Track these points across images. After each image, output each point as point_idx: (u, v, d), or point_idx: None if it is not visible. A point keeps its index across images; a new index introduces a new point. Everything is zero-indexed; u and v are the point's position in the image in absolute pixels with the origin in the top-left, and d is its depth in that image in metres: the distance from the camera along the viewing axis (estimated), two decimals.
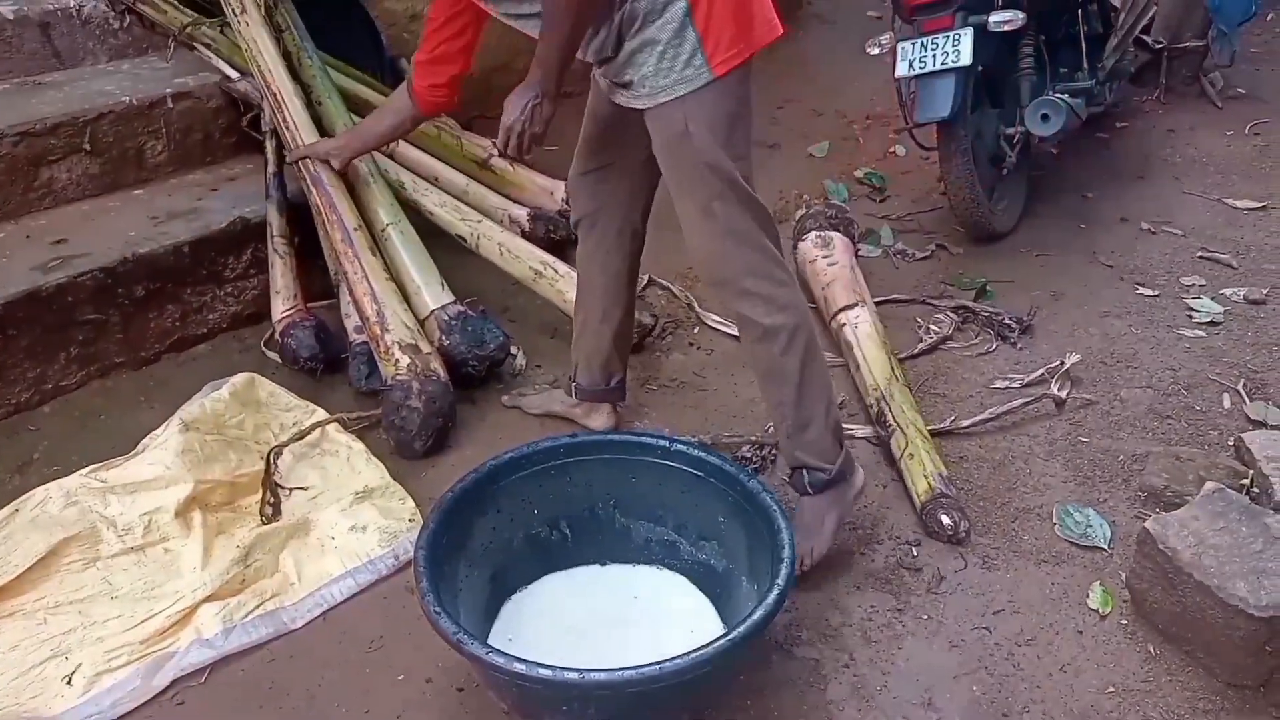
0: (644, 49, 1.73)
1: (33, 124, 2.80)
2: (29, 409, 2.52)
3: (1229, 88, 4.64)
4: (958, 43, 2.92)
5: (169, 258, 2.70)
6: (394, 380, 2.20)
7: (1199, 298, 3.03)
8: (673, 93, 1.74)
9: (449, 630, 1.52)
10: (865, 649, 1.88)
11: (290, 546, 2.09)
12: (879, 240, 3.45)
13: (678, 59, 1.72)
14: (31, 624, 1.87)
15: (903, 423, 2.33)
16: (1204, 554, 1.78)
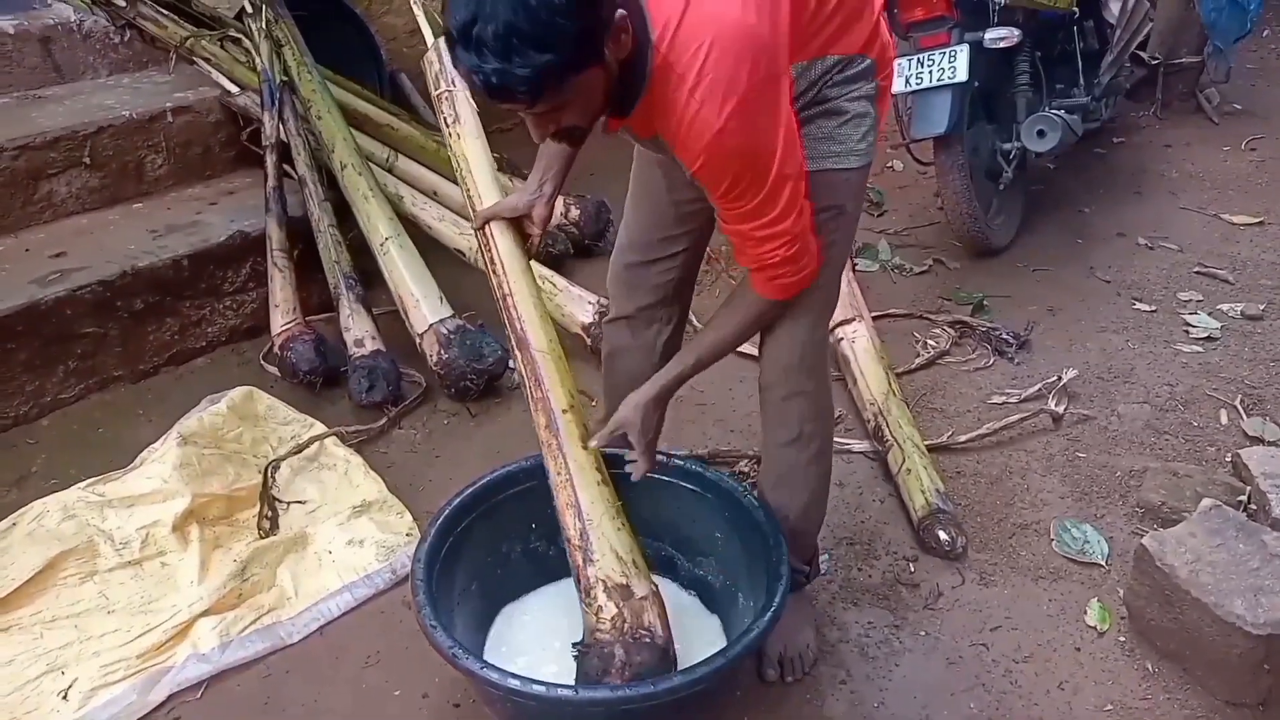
0: (823, 116, 1.54)
1: (32, 138, 2.81)
2: (27, 422, 2.52)
3: (1225, 103, 4.67)
4: (954, 59, 2.93)
5: (168, 271, 2.71)
6: (592, 638, 1.62)
7: (1196, 313, 3.04)
8: (841, 161, 1.56)
9: (444, 644, 1.52)
10: (862, 665, 1.87)
11: (287, 561, 2.09)
12: (876, 255, 3.46)
13: (857, 129, 1.55)
14: (28, 638, 1.87)
15: (900, 438, 2.33)
16: (1201, 571, 1.78)
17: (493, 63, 1.17)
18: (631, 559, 1.66)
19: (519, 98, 1.21)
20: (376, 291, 2.85)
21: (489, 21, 1.15)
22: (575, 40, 1.19)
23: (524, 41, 1.16)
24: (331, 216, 2.90)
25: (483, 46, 1.16)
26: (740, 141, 1.33)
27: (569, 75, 1.21)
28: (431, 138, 3.42)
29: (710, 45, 1.27)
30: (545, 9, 1.15)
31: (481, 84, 1.20)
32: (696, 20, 1.27)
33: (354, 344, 2.66)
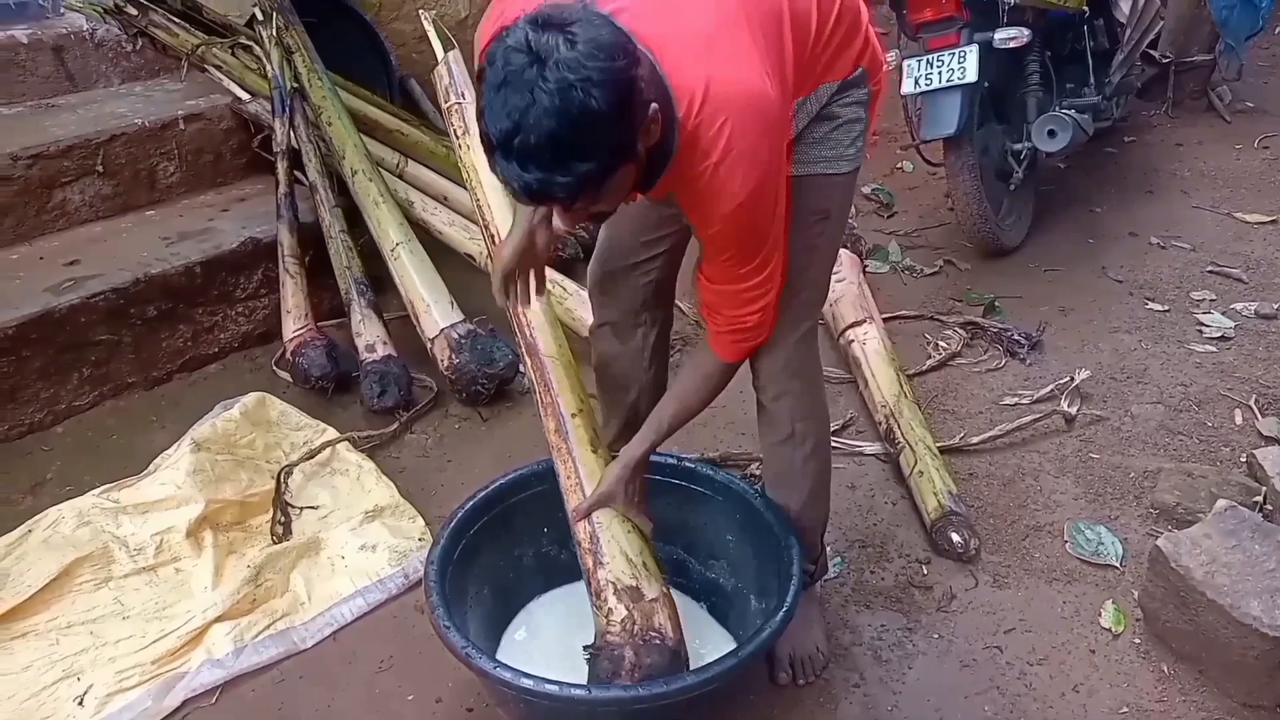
0: (815, 122, 1.56)
1: (46, 146, 2.83)
2: (42, 429, 2.54)
3: (1237, 101, 4.64)
4: (963, 60, 2.92)
5: (181, 278, 2.72)
6: (602, 641, 1.63)
7: (1209, 313, 3.02)
8: (832, 166, 1.58)
9: (458, 644, 1.52)
10: (875, 668, 1.87)
11: (300, 566, 2.09)
12: (887, 256, 3.45)
13: (848, 134, 1.57)
14: (44, 644, 1.88)
15: (912, 440, 2.32)
16: (1217, 573, 1.77)
17: (535, 173, 1.16)
18: (641, 561, 1.67)
19: (558, 201, 1.22)
20: (388, 297, 2.86)
21: (531, 132, 1.12)
22: (616, 146, 1.19)
23: (567, 152, 1.14)
24: (342, 222, 2.91)
25: (525, 157, 1.15)
26: (756, 213, 1.36)
27: (608, 177, 1.21)
28: (441, 143, 3.43)
29: (734, 120, 1.28)
30: (588, 118, 1.13)
31: (521, 189, 1.19)
32: (720, 94, 1.27)
33: (365, 349, 2.67)
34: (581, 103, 1.12)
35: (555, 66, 1.11)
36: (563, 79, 1.11)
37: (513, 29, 1.16)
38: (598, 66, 1.12)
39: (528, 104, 1.12)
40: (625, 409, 1.94)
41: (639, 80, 1.18)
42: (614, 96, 1.14)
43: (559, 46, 1.12)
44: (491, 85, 1.15)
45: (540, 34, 1.13)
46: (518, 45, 1.14)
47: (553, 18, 1.15)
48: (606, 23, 1.18)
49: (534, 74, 1.12)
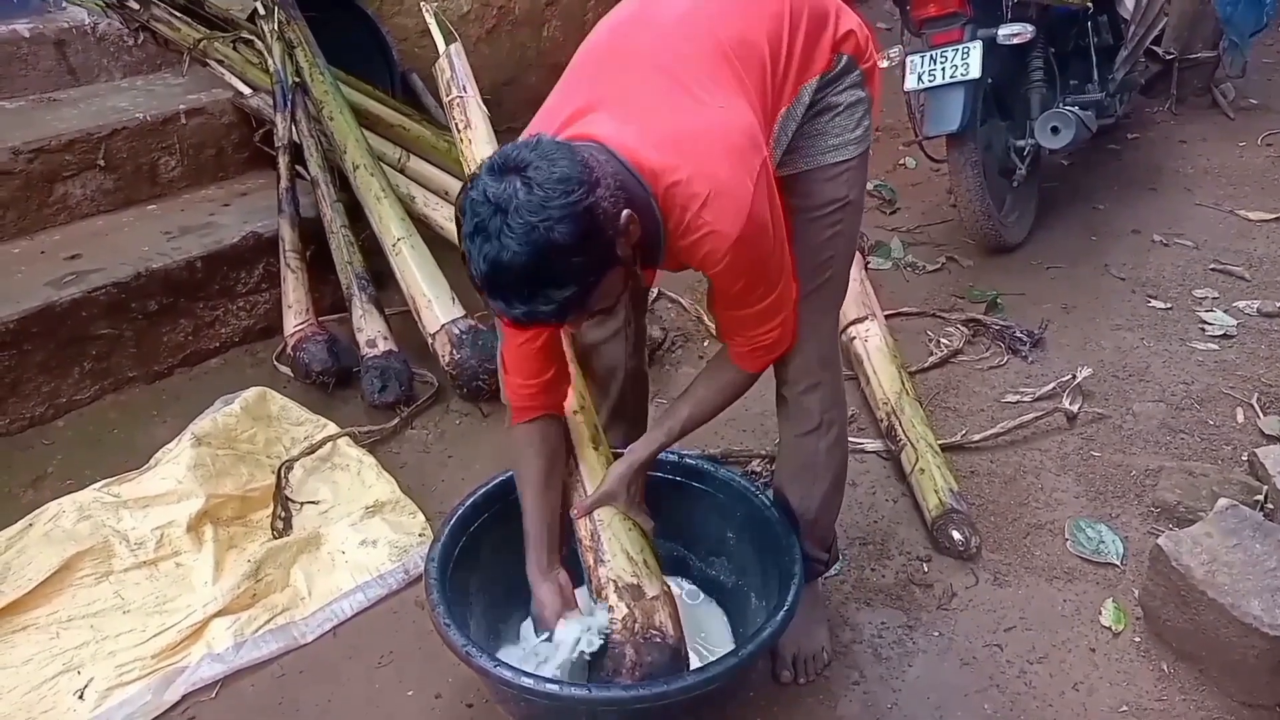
0: (814, 116, 1.57)
1: (48, 140, 2.83)
2: (43, 423, 2.54)
3: (1241, 98, 4.62)
4: (967, 56, 2.91)
5: (182, 272, 2.72)
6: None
7: (1212, 310, 3.02)
8: (839, 154, 1.59)
9: (458, 643, 1.52)
10: (875, 666, 1.87)
11: (301, 561, 2.10)
12: (889, 253, 3.45)
13: (850, 118, 1.59)
14: (44, 638, 1.88)
15: (913, 437, 2.32)
16: (1217, 572, 1.77)
17: (519, 307, 1.24)
18: (643, 559, 1.66)
19: (549, 324, 1.32)
20: (389, 292, 2.85)
21: (506, 272, 1.20)
22: (589, 268, 1.25)
23: (544, 284, 1.22)
24: (344, 217, 2.91)
25: (508, 295, 1.23)
26: (755, 241, 1.38)
27: (591, 293, 1.27)
28: (443, 138, 3.42)
29: (706, 164, 1.33)
30: (555, 253, 1.19)
31: (512, 321, 1.28)
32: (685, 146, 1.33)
33: (366, 344, 2.67)
34: (546, 241, 1.19)
35: (516, 213, 1.19)
36: (525, 223, 1.18)
37: (476, 180, 1.23)
38: (557, 204, 1.19)
39: (498, 250, 1.20)
40: (613, 397, 1.96)
41: (600, 203, 1.23)
42: (576, 227, 1.20)
43: (517, 193, 1.19)
44: (466, 234, 1.23)
45: (499, 183, 1.21)
46: (480, 198, 1.21)
47: (509, 161, 1.22)
48: (562, 154, 1.23)
49: (499, 223, 1.19)
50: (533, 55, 4.51)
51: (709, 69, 1.40)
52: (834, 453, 1.79)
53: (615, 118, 1.35)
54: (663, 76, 1.39)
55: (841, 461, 1.83)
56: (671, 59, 1.40)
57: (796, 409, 1.75)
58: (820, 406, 1.74)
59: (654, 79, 1.39)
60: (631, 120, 1.35)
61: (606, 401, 1.96)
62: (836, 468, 1.81)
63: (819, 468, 1.79)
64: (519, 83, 4.50)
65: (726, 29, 1.43)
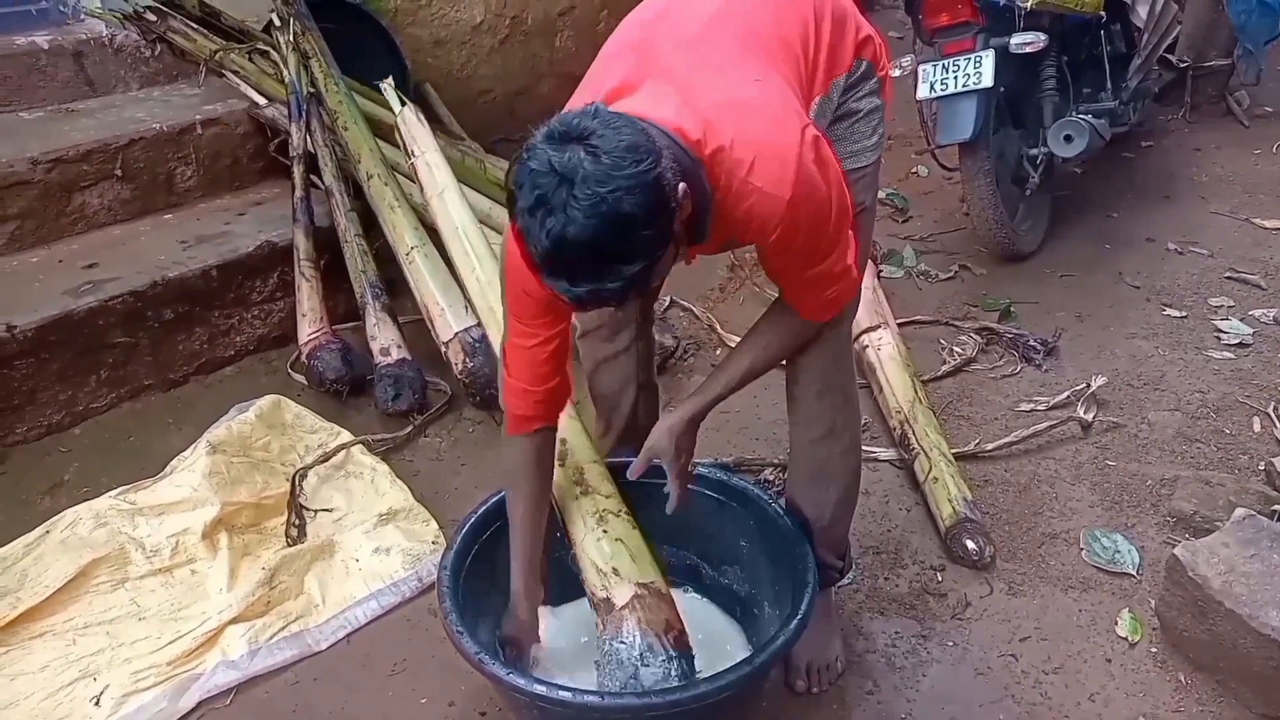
0: (836, 122, 1.58)
1: (66, 151, 2.86)
2: (60, 431, 2.56)
3: (1255, 106, 4.60)
4: (979, 65, 2.91)
5: (197, 281, 2.74)
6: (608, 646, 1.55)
7: (1227, 319, 3.00)
8: (858, 160, 1.60)
9: (471, 650, 1.52)
10: (890, 676, 1.86)
11: (315, 568, 2.10)
12: (901, 261, 3.44)
13: (868, 124, 1.60)
14: (60, 644, 1.89)
15: (926, 446, 2.31)
16: (1235, 582, 1.75)
17: (584, 285, 1.17)
18: (611, 567, 1.61)
19: (610, 304, 1.23)
20: (402, 300, 2.87)
21: (573, 250, 1.14)
22: (657, 240, 1.19)
23: (612, 260, 1.16)
24: (358, 226, 2.93)
25: (572, 273, 1.17)
26: (809, 203, 1.34)
27: (654, 268, 1.22)
28: (456, 147, 3.44)
29: (748, 129, 1.30)
30: (625, 226, 1.13)
31: (573, 300, 1.21)
32: (725, 114, 1.30)
33: (380, 352, 2.68)
34: (616, 213, 1.12)
35: (584, 183, 1.12)
36: (593, 194, 1.12)
37: (534, 150, 1.16)
38: (625, 174, 1.13)
39: (564, 224, 1.12)
40: (625, 415, 1.94)
41: (665, 173, 1.18)
42: (646, 198, 1.14)
43: (583, 162, 1.13)
44: (525, 209, 1.15)
45: (562, 152, 1.14)
46: (542, 168, 1.14)
47: (571, 130, 1.16)
48: (624, 122, 1.18)
49: (564, 195, 1.12)
50: (545, 65, 4.53)
51: (741, 52, 1.39)
52: (847, 459, 1.78)
53: (652, 95, 1.31)
54: (696, 58, 1.37)
55: (855, 468, 1.81)
56: (704, 45, 1.39)
57: (809, 413, 1.74)
58: (833, 410, 1.72)
59: (688, 61, 1.37)
60: (667, 97, 1.31)
61: (618, 419, 1.95)
62: (850, 474, 1.80)
63: (832, 474, 1.78)
64: (531, 92, 4.52)
65: (759, 23, 1.44)
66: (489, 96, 4.38)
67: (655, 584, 1.61)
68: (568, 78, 4.99)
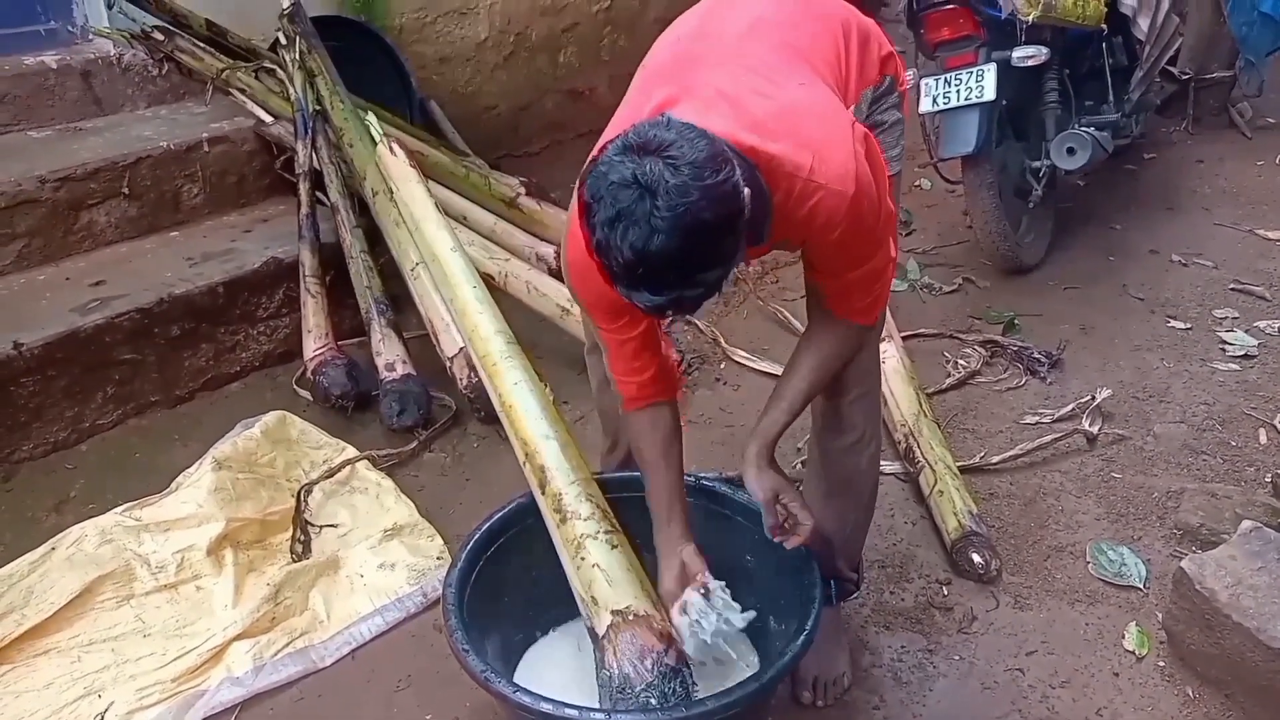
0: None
1: (73, 169, 2.88)
2: (66, 447, 2.57)
3: (1258, 118, 4.61)
4: (981, 78, 2.93)
5: (204, 298, 2.75)
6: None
7: (1232, 330, 3.00)
8: (890, 167, 1.60)
9: (476, 668, 1.52)
10: (896, 690, 1.85)
11: (320, 584, 2.10)
12: (905, 274, 3.45)
13: (891, 136, 1.65)
14: (65, 661, 1.89)
15: (931, 459, 2.31)
16: (1242, 595, 1.75)
17: (666, 294, 1.18)
18: (590, 596, 1.59)
19: (687, 311, 1.24)
20: (407, 316, 2.88)
21: (656, 261, 1.14)
22: (736, 247, 1.21)
23: (693, 269, 1.17)
24: (363, 242, 2.94)
25: (655, 284, 1.17)
26: (868, 197, 1.37)
27: (730, 273, 1.22)
28: (461, 163, 3.46)
29: (802, 130, 1.33)
30: (707, 237, 1.15)
31: (652, 309, 1.21)
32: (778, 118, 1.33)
33: (385, 368, 2.69)
34: (698, 223, 1.14)
35: (666, 194, 1.13)
36: (675, 206, 1.12)
37: (611, 163, 1.17)
38: (704, 186, 1.14)
39: (648, 235, 1.13)
40: None
41: (740, 183, 1.19)
42: (725, 209, 1.16)
43: (665, 175, 1.13)
44: (604, 221, 1.15)
45: (641, 162, 1.15)
46: (624, 180, 1.14)
47: (648, 143, 1.16)
48: (697, 133, 1.19)
49: (647, 206, 1.13)
50: (549, 81, 4.56)
51: (781, 62, 1.42)
52: (871, 469, 1.80)
53: (701, 107, 1.32)
54: (740, 69, 1.39)
55: (876, 479, 1.83)
56: (745, 58, 1.41)
57: (843, 420, 1.73)
58: (865, 416, 1.73)
59: (731, 73, 1.39)
60: (715, 107, 1.32)
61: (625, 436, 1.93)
62: (873, 485, 1.82)
63: (856, 483, 1.78)
64: (535, 108, 4.54)
65: (794, 34, 1.47)
66: (494, 112, 4.41)
67: (630, 608, 1.56)
68: (571, 94, 5.05)
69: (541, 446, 1.71)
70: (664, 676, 1.51)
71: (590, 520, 1.68)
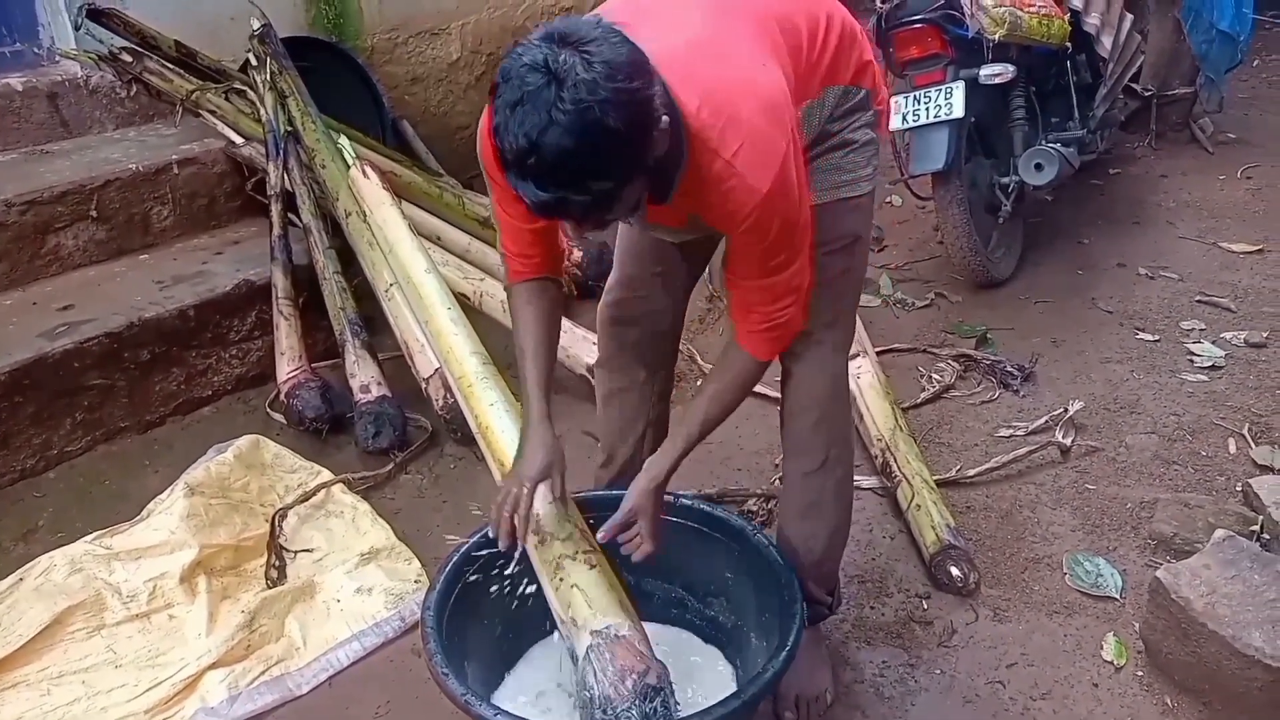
0: (831, 150, 1.60)
1: (40, 192, 2.84)
2: (34, 475, 2.52)
3: (1219, 133, 4.70)
4: (949, 96, 2.97)
5: (174, 321, 2.72)
6: None
7: (1199, 342, 3.04)
8: (855, 189, 1.60)
9: (457, 691, 1.50)
10: (878, 705, 1.85)
11: (296, 610, 2.07)
12: (878, 290, 3.47)
13: (863, 155, 1.62)
14: (35, 695, 1.85)
15: (908, 473, 2.32)
16: (1217, 603, 1.77)
17: (551, 191, 1.16)
18: (570, 618, 1.58)
19: (571, 217, 1.23)
20: (381, 337, 2.86)
21: (548, 153, 1.12)
22: (631, 164, 1.19)
23: (584, 172, 1.15)
24: (336, 263, 2.92)
25: (541, 176, 1.15)
26: (784, 202, 1.36)
27: (622, 192, 1.21)
28: (434, 184, 3.45)
29: (743, 114, 1.30)
30: (605, 140, 1.13)
31: (536, 206, 1.19)
32: (722, 93, 1.30)
33: (360, 390, 2.66)
34: (599, 125, 1.11)
35: (573, 88, 1.10)
36: (580, 100, 1.10)
37: (529, 46, 1.15)
38: (615, 88, 1.12)
39: (545, 124, 1.11)
40: (631, 445, 1.93)
41: (655, 98, 1.18)
42: (630, 117, 1.14)
43: (576, 67, 1.11)
44: (507, 103, 1.13)
45: (557, 52, 1.12)
46: (535, 64, 1.12)
47: (569, 35, 1.14)
48: (623, 41, 1.17)
49: (551, 94, 1.11)
50: None
51: (752, 30, 1.39)
52: (840, 493, 1.78)
53: (660, 43, 1.27)
54: (709, 20, 1.36)
55: (848, 503, 1.82)
56: (717, 12, 1.39)
57: (804, 444, 1.73)
58: (827, 442, 1.72)
59: (700, 21, 1.37)
60: (677, 55, 1.29)
61: (623, 452, 1.93)
62: (843, 509, 1.80)
63: (825, 508, 1.78)
64: None
65: (772, 4, 1.44)
66: (466, 133, 4.41)
67: (610, 628, 1.55)
68: None
69: None
70: (644, 697, 1.50)
71: (569, 541, 1.66)
